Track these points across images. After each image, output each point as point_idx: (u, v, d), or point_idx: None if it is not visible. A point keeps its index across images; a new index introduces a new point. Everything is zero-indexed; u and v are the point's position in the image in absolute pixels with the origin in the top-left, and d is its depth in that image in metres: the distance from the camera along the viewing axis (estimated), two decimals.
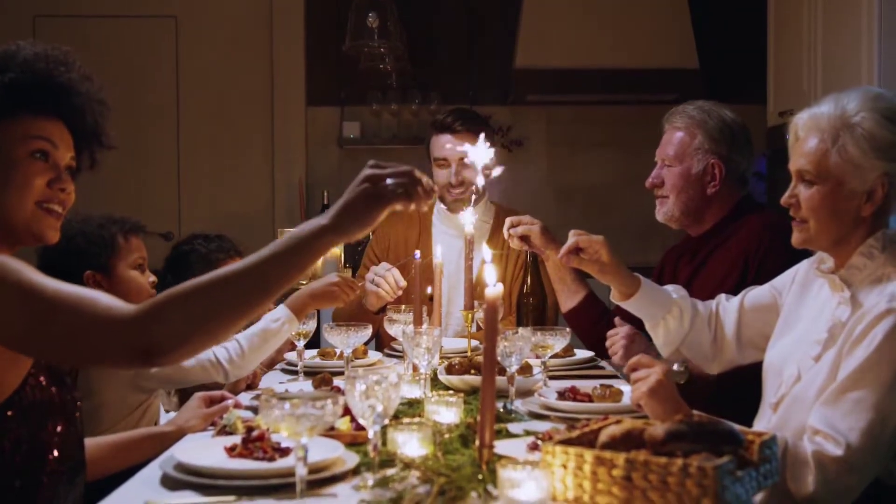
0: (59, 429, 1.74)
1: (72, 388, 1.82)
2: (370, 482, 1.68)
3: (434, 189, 1.63)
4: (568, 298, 3.21)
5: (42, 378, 1.73)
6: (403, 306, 2.93)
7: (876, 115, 1.97)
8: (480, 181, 2.83)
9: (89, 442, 2.19)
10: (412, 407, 2.28)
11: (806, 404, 1.94)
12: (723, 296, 2.46)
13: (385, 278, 3.14)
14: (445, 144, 3.55)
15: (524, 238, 3.04)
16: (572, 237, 2.40)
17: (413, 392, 2.36)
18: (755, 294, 2.36)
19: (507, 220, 3.03)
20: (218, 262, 3.18)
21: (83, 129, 1.81)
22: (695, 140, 2.88)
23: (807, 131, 2.04)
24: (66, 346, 1.53)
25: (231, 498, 1.66)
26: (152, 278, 2.71)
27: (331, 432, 1.92)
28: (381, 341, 3.46)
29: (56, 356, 1.66)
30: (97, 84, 1.82)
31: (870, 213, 2.00)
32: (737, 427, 1.57)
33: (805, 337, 2.07)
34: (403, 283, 3.15)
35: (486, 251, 2.27)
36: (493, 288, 1.63)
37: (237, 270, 1.52)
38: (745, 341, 2.37)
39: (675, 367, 1.95)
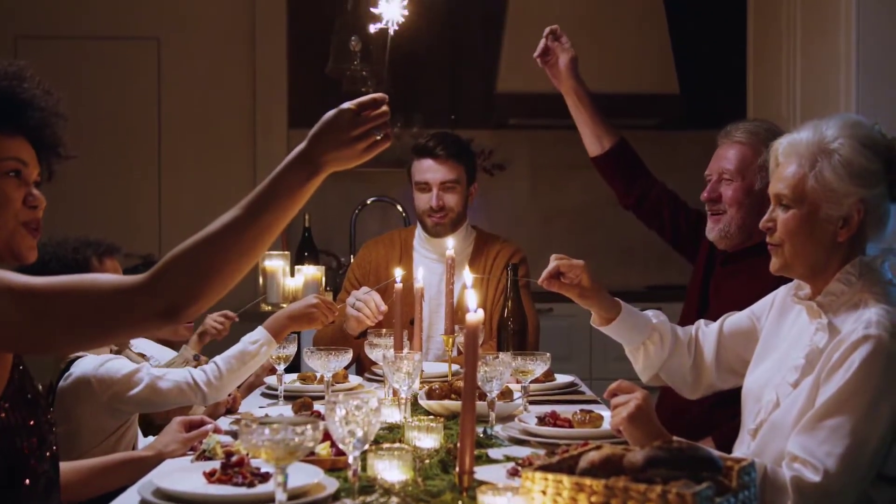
0: (33, 450, 1.73)
1: (45, 411, 1.81)
2: None
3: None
4: (593, 146, 3.35)
5: (15, 400, 1.72)
6: (384, 330, 2.92)
7: (853, 142, 1.99)
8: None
9: (66, 466, 2.17)
10: (392, 432, 2.28)
11: (784, 430, 1.95)
12: (702, 321, 2.46)
13: (366, 302, 3.13)
14: (426, 169, 3.56)
15: (547, 56, 3.19)
16: (553, 261, 2.39)
17: (393, 416, 2.35)
18: (734, 319, 2.37)
19: (548, 29, 3.22)
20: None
21: (43, 143, 1.81)
22: (760, 157, 2.82)
23: (786, 157, 2.06)
24: (81, 330, 1.58)
25: None
26: None
27: (310, 457, 1.91)
28: (362, 365, 3.46)
29: (74, 343, 1.70)
30: (56, 97, 1.82)
31: (846, 238, 2.01)
32: (716, 453, 1.57)
33: (783, 363, 2.08)
34: (384, 307, 3.14)
35: (467, 275, 2.27)
36: (475, 314, 1.63)
37: (235, 221, 1.59)
38: (724, 366, 2.37)
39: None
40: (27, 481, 1.71)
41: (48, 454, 1.77)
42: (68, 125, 1.83)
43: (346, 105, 1.68)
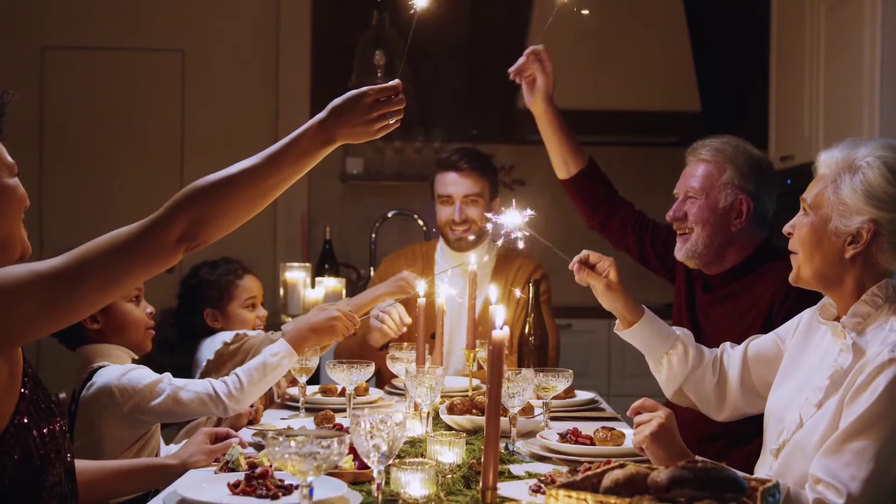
0: (48, 459, 1.73)
1: (60, 419, 1.82)
2: None
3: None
4: (559, 169, 3.33)
5: (29, 412, 1.73)
6: (405, 344, 2.93)
7: (881, 164, 2.00)
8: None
9: (91, 464, 2.19)
10: (414, 446, 2.29)
11: (807, 451, 1.95)
12: (727, 344, 2.45)
13: (389, 314, 3.14)
14: (449, 182, 3.58)
15: (525, 73, 3.23)
16: (584, 252, 2.44)
17: (415, 430, 2.36)
18: (759, 342, 2.36)
19: (531, 48, 3.20)
20: (228, 284, 3.20)
21: None
22: (724, 174, 2.82)
23: (821, 168, 2.10)
24: (115, 279, 1.67)
25: None
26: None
27: (334, 470, 1.92)
28: (382, 378, 3.46)
29: (111, 293, 1.72)
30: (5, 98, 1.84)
31: (853, 255, 2.01)
32: (740, 474, 1.57)
33: (807, 383, 2.08)
34: (408, 319, 3.15)
35: (491, 291, 2.28)
36: (500, 331, 1.64)
37: (256, 168, 1.80)
38: (749, 389, 2.36)
39: None
40: (43, 491, 1.72)
41: (63, 462, 1.78)
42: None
43: (368, 89, 1.88)
